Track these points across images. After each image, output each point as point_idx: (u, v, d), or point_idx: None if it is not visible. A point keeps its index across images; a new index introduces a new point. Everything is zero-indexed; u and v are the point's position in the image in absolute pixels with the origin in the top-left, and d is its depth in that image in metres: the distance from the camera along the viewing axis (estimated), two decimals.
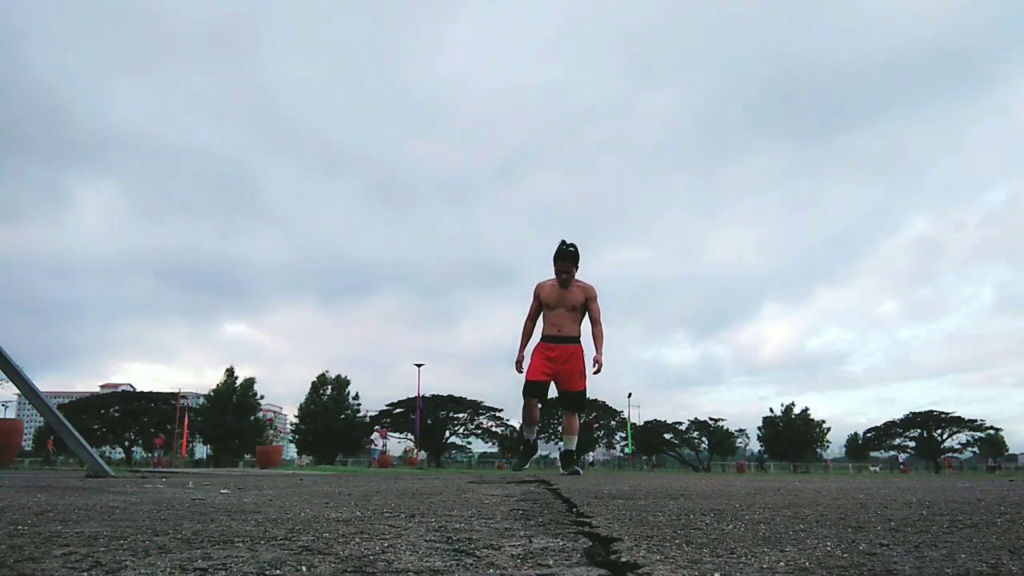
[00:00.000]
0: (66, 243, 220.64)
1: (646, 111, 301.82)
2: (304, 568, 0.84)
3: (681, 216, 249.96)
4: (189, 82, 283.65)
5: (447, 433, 54.71)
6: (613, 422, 56.58)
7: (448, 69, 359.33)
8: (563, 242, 5.42)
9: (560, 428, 7.05)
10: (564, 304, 5.46)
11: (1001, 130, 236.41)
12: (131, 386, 62.73)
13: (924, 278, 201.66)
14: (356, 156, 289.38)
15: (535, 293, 5.62)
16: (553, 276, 5.51)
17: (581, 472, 5.61)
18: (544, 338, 5.52)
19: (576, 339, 5.53)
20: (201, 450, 57.26)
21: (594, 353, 5.37)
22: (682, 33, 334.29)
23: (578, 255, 5.39)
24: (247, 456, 44.46)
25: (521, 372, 5.60)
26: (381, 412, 53.37)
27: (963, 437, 56.96)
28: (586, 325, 5.58)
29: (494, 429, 55.35)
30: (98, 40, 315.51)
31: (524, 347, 5.69)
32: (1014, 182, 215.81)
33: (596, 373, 5.38)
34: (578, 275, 5.50)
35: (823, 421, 59.48)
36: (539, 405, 5.53)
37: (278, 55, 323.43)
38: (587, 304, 5.49)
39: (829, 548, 1.02)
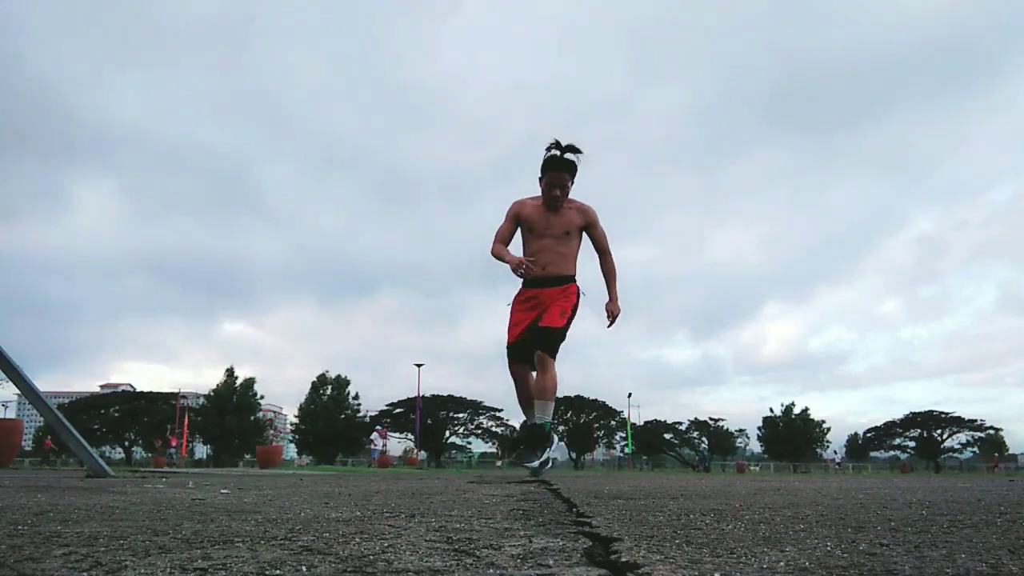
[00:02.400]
0: (64, 242, 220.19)
1: (649, 109, 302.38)
2: (304, 568, 0.84)
3: (683, 215, 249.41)
4: (188, 78, 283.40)
5: (447, 433, 54.72)
6: (613, 422, 56.60)
7: (449, 66, 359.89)
8: (556, 143, 3.79)
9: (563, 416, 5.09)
10: (552, 231, 3.92)
11: (1006, 128, 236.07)
12: (131, 386, 62.79)
13: (926, 277, 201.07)
14: (356, 154, 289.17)
15: (511, 214, 4.01)
16: (535, 195, 4.01)
17: (548, 467, 3.99)
18: (525, 283, 4.01)
19: (570, 278, 4.01)
20: (201, 450, 57.27)
21: (593, 296, 3.99)
22: (685, 30, 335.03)
23: (577, 165, 3.82)
24: (247, 456, 44.51)
25: (520, 274, 3.88)
26: (381, 412, 53.43)
27: (963, 437, 57.04)
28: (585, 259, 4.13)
29: (494, 429, 55.38)
30: (95, 35, 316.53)
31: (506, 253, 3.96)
32: (1019, 180, 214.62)
33: (610, 326, 3.99)
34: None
35: (823, 421, 59.67)
36: (533, 374, 4.02)
37: (278, 51, 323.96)
38: (587, 230, 4.02)
39: (829, 548, 1.02)
